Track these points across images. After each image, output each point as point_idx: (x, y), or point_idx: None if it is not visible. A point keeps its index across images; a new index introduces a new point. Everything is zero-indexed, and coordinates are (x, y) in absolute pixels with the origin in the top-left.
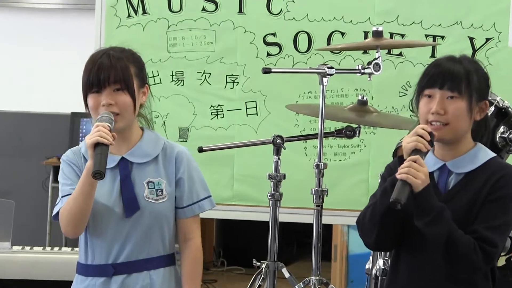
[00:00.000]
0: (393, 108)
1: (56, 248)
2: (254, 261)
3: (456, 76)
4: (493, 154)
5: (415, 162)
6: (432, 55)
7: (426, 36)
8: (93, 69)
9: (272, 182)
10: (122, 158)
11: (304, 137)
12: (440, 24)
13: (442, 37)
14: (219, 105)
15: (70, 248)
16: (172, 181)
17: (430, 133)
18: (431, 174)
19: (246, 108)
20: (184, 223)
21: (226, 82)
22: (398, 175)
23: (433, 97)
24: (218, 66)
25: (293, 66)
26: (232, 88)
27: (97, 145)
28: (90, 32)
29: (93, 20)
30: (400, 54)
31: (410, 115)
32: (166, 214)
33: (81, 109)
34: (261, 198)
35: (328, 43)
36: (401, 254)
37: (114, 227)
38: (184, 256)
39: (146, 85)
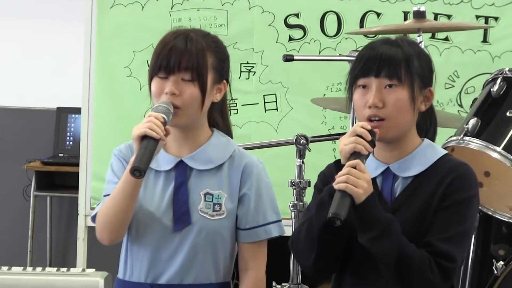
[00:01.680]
0: (437, 102)
1: (38, 269)
2: (273, 283)
3: (393, 60)
4: (443, 152)
5: (354, 168)
6: (484, 40)
7: (477, 17)
8: (164, 49)
9: (294, 190)
10: (181, 161)
11: (333, 137)
12: (494, 3)
13: (496, 19)
14: (232, 99)
15: (55, 269)
16: (235, 197)
17: (371, 131)
18: (373, 180)
19: (264, 103)
20: (246, 248)
21: (241, 71)
22: (335, 185)
23: (369, 88)
24: (231, 52)
25: (319, 52)
26: (248, 78)
27: (144, 137)
28: (80, 13)
29: (81, 0)
30: (446, 39)
31: (458, 111)
32: (222, 233)
33: (69, 103)
34: (282, 209)
35: (361, 26)
36: (344, 278)
37: (159, 240)
38: (242, 286)
39: (225, 81)
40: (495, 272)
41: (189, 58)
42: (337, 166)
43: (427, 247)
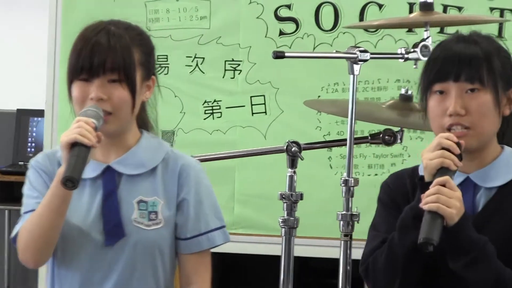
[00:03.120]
0: None
1: None
2: None
3: (474, 61)
4: None
5: (444, 185)
6: (500, 35)
7: (491, 9)
8: (85, 49)
9: (285, 204)
10: (108, 167)
11: (329, 144)
12: None
13: None
14: (215, 101)
15: None
16: (173, 203)
17: (458, 144)
18: None
19: (251, 105)
20: (188, 260)
21: (225, 70)
22: (425, 205)
23: (447, 93)
24: (215, 48)
25: (314, 49)
26: (233, 78)
27: (74, 145)
28: (43, 3)
29: None
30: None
31: None
32: (160, 244)
33: (30, 105)
34: (270, 225)
35: (361, 19)
36: None
37: (89, 258)
38: None
39: (153, 76)
40: None
41: (115, 56)
42: (421, 184)
43: None
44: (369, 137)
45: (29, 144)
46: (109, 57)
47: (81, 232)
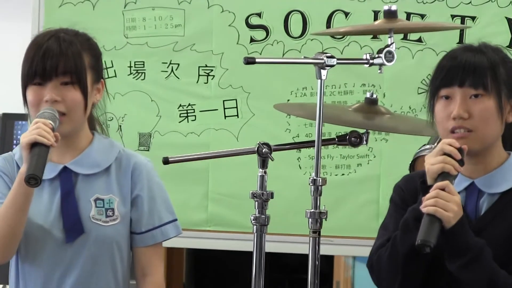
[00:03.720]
0: (410, 108)
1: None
2: None
3: (478, 68)
4: None
5: (443, 190)
6: (460, 41)
7: (453, 17)
8: (37, 54)
9: (257, 202)
10: (65, 167)
11: (298, 145)
12: (470, 2)
13: (473, 18)
14: (189, 105)
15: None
16: (127, 200)
17: (460, 149)
18: None
19: (224, 109)
20: (143, 253)
21: (199, 75)
22: (424, 208)
23: (452, 98)
24: (189, 55)
25: (283, 55)
26: (207, 82)
27: (34, 145)
28: (26, 13)
29: None
30: (420, 40)
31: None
32: (117, 240)
33: (15, 109)
34: (242, 223)
35: (328, 26)
36: None
37: (51, 255)
38: None
39: (102, 80)
40: None
41: (66, 60)
42: (423, 188)
43: None
44: (336, 139)
45: (14, 146)
46: (61, 61)
47: (43, 230)
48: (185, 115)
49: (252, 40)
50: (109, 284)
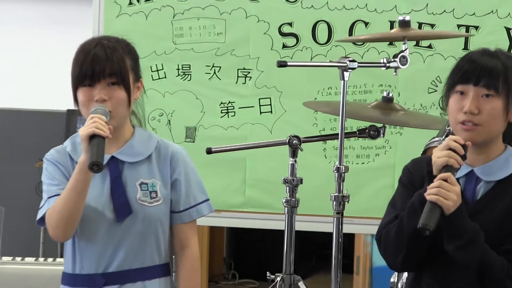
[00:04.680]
0: (421, 105)
1: (50, 259)
2: (268, 274)
3: (493, 72)
4: None
5: (445, 180)
6: (465, 48)
7: (459, 26)
8: (86, 60)
9: (288, 187)
10: (112, 157)
11: (324, 138)
12: (474, 13)
13: (476, 28)
14: (229, 102)
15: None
16: (167, 183)
17: (464, 146)
18: (457, 180)
19: (260, 106)
20: (181, 229)
21: (238, 76)
22: (427, 196)
23: (466, 94)
24: (229, 59)
25: (311, 59)
26: (244, 83)
27: (92, 137)
28: (88, 21)
29: (90, 8)
30: (430, 46)
31: (440, 114)
32: (161, 218)
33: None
34: (275, 205)
35: (350, 34)
36: (423, 273)
37: (104, 233)
38: (180, 266)
39: (141, 79)
40: None
41: (112, 64)
42: (429, 176)
43: (507, 255)
44: (357, 132)
45: (68, 139)
46: (108, 65)
47: (96, 212)
48: (226, 111)
49: (284, 46)
50: (154, 257)
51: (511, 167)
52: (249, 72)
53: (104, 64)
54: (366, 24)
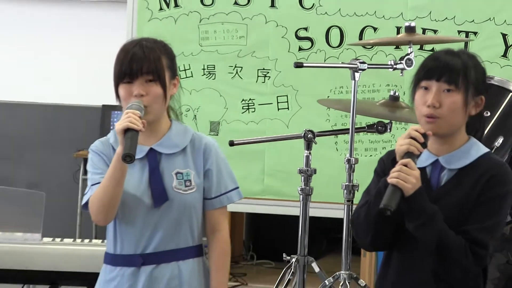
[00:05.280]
0: None
1: (86, 240)
2: (284, 255)
3: (454, 69)
4: (485, 150)
5: (406, 166)
6: None
7: (459, 32)
8: (126, 59)
9: (302, 177)
10: (151, 149)
11: (335, 132)
12: (473, 20)
13: (475, 33)
14: (250, 99)
15: (100, 240)
16: (201, 173)
17: (424, 135)
18: (423, 169)
19: (277, 103)
20: (212, 214)
21: (258, 76)
22: (389, 179)
23: (430, 89)
24: (250, 60)
25: (325, 60)
26: (264, 82)
27: (127, 130)
28: (122, 25)
29: (125, 12)
30: (433, 50)
31: None
32: (194, 205)
33: (112, 101)
34: (291, 193)
35: (360, 38)
36: (393, 251)
37: (143, 217)
38: (212, 248)
39: (177, 77)
40: None
41: (148, 62)
42: (392, 162)
43: (465, 234)
44: (366, 127)
45: (111, 131)
46: (145, 64)
47: (136, 198)
48: (247, 107)
49: (300, 49)
50: (187, 240)
51: (472, 156)
52: (268, 72)
53: (142, 63)
54: (375, 29)
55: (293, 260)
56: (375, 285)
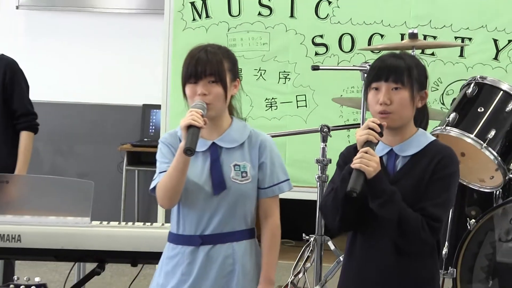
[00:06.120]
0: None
1: (129, 223)
2: (303, 235)
3: (399, 69)
4: (432, 138)
5: (366, 152)
6: (461, 55)
7: (456, 37)
8: (192, 62)
9: (319, 166)
10: (213, 143)
11: (348, 127)
12: (468, 27)
13: (470, 39)
14: (273, 98)
15: (142, 223)
16: (256, 165)
17: (380, 125)
18: (380, 158)
19: (297, 101)
20: (265, 202)
21: (279, 78)
22: (352, 165)
23: (380, 89)
24: (272, 63)
25: (338, 64)
26: (285, 83)
27: (189, 127)
28: (159, 33)
29: (162, 23)
30: (433, 54)
31: (441, 108)
32: (249, 193)
33: (152, 101)
34: (309, 180)
35: (369, 44)
36: (357, 234)
37: (203, 203)
38: (264, 231)
39: (238, 79)
40: (469, 227)
41: (211, 65)
42: (354, 151)
43: (421, 211)
44: None
45: (150, 127)
46: (208, 67)
47: (198, 186)
48: (270, 105)
49: (316, 53)
50: (241, 224)
51: (422, 144)
52: (288, 74)
53: (205, 66)
54: (382, 36)
55: (311, 239)
56: (343, 263)
